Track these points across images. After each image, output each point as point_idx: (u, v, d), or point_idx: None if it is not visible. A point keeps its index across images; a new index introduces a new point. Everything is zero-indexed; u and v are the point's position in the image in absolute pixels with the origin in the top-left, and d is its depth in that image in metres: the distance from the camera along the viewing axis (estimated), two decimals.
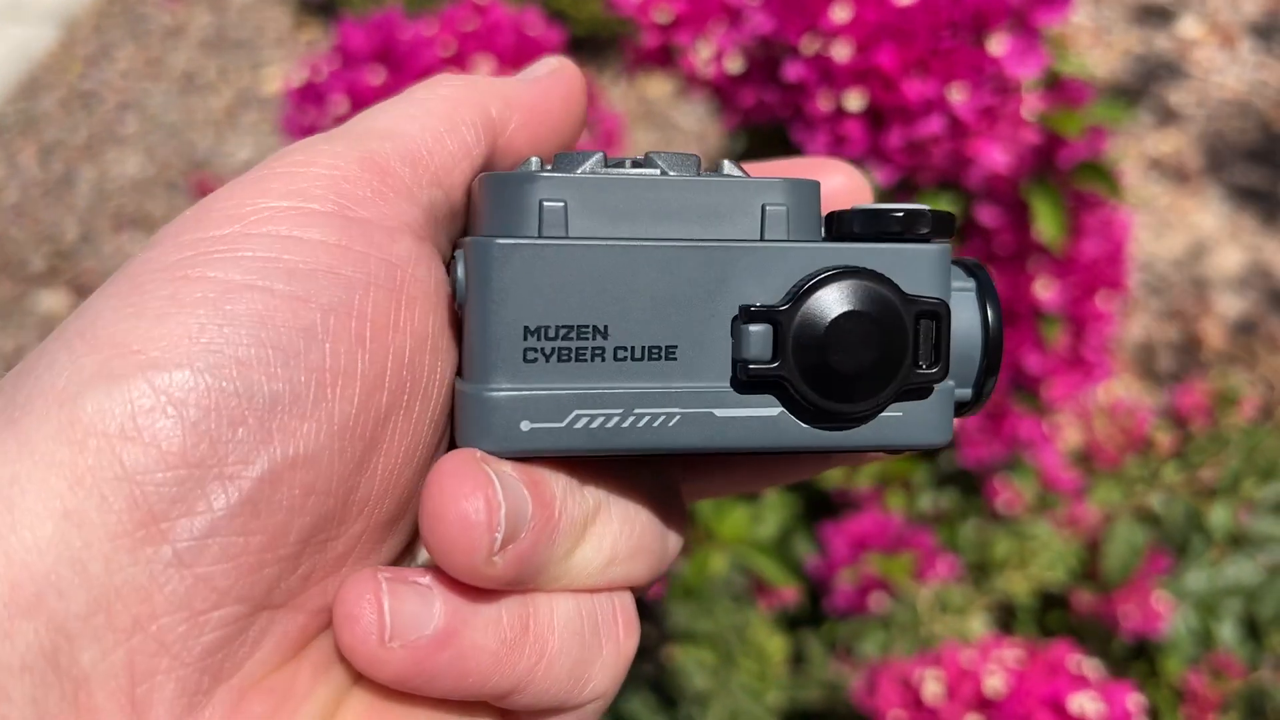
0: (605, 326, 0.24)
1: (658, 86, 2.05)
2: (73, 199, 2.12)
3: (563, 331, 0.24)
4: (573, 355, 0.24)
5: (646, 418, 0.25)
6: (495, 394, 0.24)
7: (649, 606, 1.00)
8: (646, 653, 1.02)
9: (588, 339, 0.24)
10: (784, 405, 0.25)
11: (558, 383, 0.24)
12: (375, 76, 0.69)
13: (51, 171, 2.17)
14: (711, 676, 0.99)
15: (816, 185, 0.26)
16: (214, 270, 0.23)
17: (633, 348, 0.25)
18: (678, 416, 0.25)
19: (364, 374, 0.23)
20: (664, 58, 0.74)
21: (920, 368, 0.25)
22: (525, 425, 0.24)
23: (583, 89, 0.31)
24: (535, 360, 0.24)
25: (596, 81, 2.04)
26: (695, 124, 2.03)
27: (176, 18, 2.42)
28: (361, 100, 0.68)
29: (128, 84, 2.30)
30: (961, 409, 0.28)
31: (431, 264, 0.26)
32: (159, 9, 2.44)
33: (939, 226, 0.26)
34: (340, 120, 0.70)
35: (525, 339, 0.24)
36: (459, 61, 0.72)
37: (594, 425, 0.24)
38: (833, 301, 0.24)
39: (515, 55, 0.74)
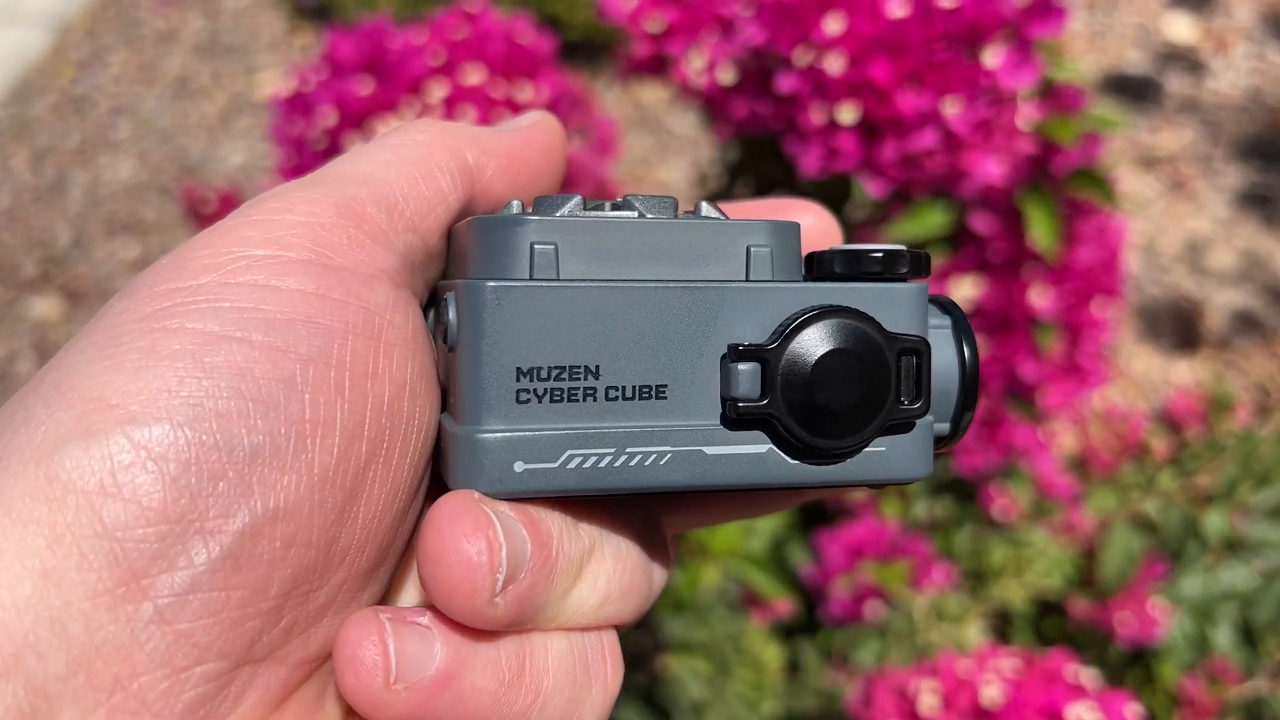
0: (596, 366, 0.25)
1: (653, 92, 2.05)
2: (65, 204, 2.11)
3: (555, 372, 0.24)
4: (565, 395, 0.24)
5: (638, 456, 0.25)
6: (488, 435, 0.24)
7: (645, 616, 0.99)
8: (641, 662, 1.01)
9: (579, 379, 0.24)
10: (773, 442, 0.25)
11: (550, 423, 0.24)
12: (364, 87, 0.69)
13: (44, 176, 2.16)
14: (707, 686, 0.99)
15: (797, 226, 0.27)
16: (192, 321, 0.22)
17: (624, 387, 0.25)
18: (669, 455, 0.25)
19: (343, 424, 0.23)
20: (656, 67, 0.73)
21: (903, 403, 0.26)
22: (519, 466, 0.24)
23: (563, 140, 0.31)
24: (528, 401, 0.24)
25: (590, 87, 2.03)
26: (690, 129, 2.03)
27: (170, 22, 2.42)
28: (350, 111, 0.68)
29: (120, 89, 2.30)
30: (939, 443, 0.28)
31: (409, 310, 0.26)
32: (152, 14, 2.44)
33: (916, 266, 0.26)
34: (330, 132, 0.69)
35: (518, 380, 0.24)
36: (449, 71, 0.71)
37: (586, 465, 0.24)
38: (819, 340, 0.25)
39: (505, 64, 0.74)
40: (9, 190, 2.15)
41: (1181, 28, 2.01)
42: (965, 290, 0.89)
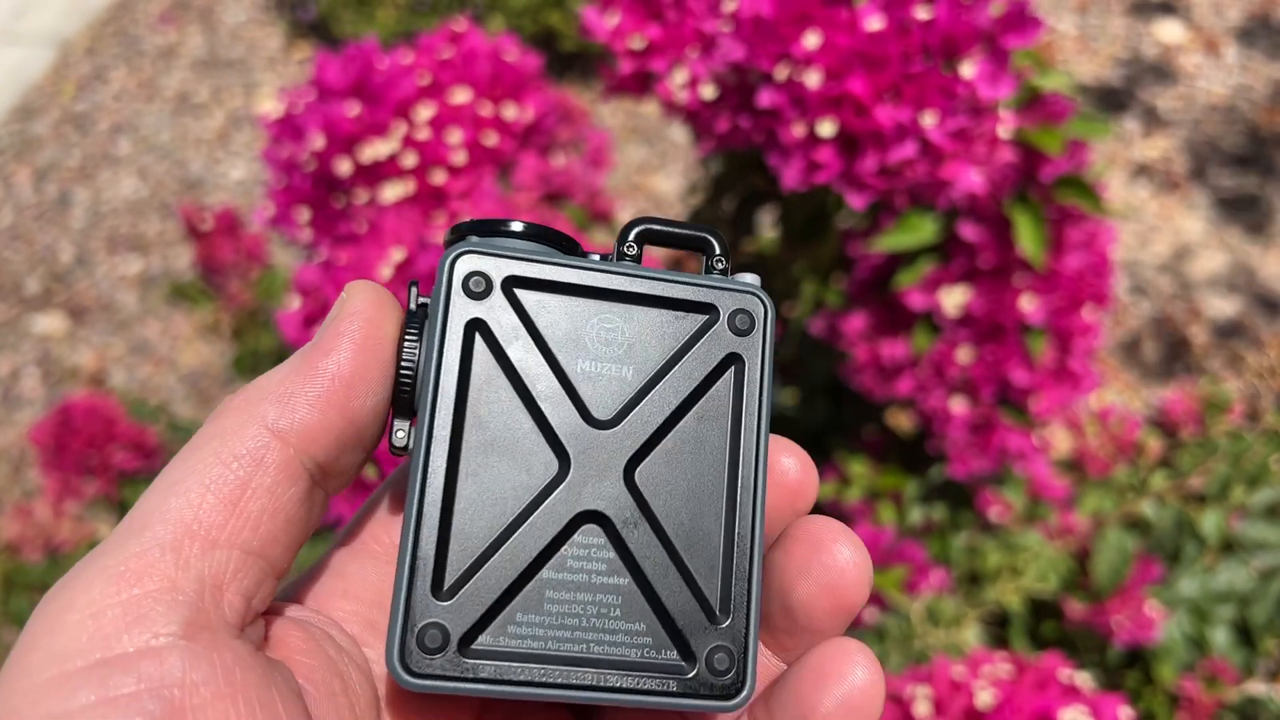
0: None
1: (649, 103, 2.05)
2: (67, 221, 2.13)
3: None
4: None
5: None
6: None
7: None
8: None
9: None
10: None
11: None
12: (351, 109, 0.70)
13: (46, 194, 2.18)
14: None
15: None
16: None
17: None
18: None
19: None
20: (640, 84, 0.74)
21: None
22: None
23: (383, 320, 0.30)
24: None
25: (586, 99, 2.04)
26: (685, 139, 2.04)
27: (169, 39, 2.43)
28: (338, 134, 0.68)
29: (121, 106, 2.31)
30: None
31: (214, 651, 0.26)
32: (152, 31, 2.45)
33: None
34: (319, 155, 0.70)
35: None
36: (435, 92, 0.72)
37: None
38: None
39: (492, 83, 0.74)
40: (12, 208, 2.16)
41: (1172, 31, 2.01)
42: (956, 298, 0.90)
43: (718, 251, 0.32)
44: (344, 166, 0.69)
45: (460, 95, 0.72)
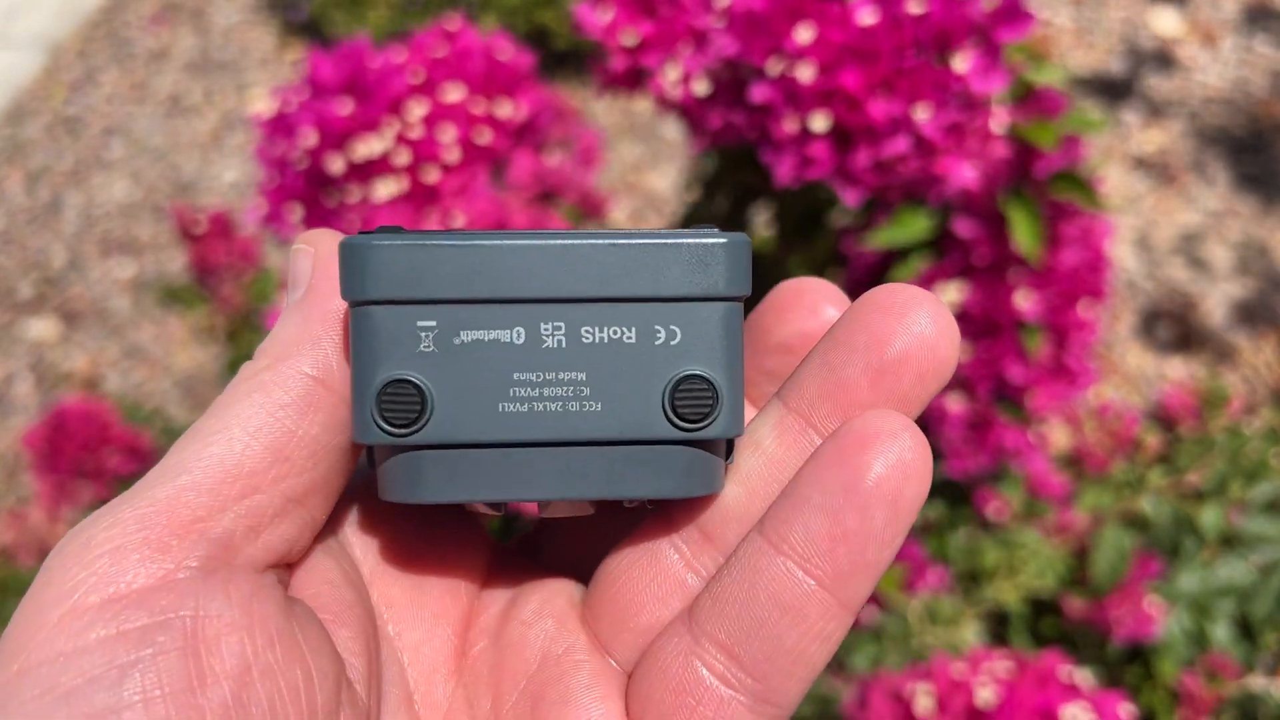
0: None
1: (643, 99, 2.05)
2: (60, 225, 2.12)
3: None
4: None
5: None
6: None
7: None
8: None
9: None
10: None
11: None
12: (344, 107, 0.69)
13: (38, 198, 2.17)
14: None
15: None
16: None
17: None
18: None
19: None
20: (633, 80, 0.73)
21: None
22: None
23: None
24: None
25: (579, 96, 2.04)
26: (680, 136, 2.03)
27: (160, 41, 2.42)
28: (331, 131, 0.68)
29: (113, 108, 2.30)
30: None
31: (234, 584, 0.25)
32: (143, 32, 2.44)
33: None
34: (311, 153, 0.70)
35: None
36: (428, 89, 0.71)
37: None
38: None
39: (485, 81, 0.74)
40: (3, 212, 2.15)
41: (1168, 21, 2.01)
42: (950, 295, 0.89)
43: None
44: (336, 164, 0.68)
45: (453, 93, 0.72)
